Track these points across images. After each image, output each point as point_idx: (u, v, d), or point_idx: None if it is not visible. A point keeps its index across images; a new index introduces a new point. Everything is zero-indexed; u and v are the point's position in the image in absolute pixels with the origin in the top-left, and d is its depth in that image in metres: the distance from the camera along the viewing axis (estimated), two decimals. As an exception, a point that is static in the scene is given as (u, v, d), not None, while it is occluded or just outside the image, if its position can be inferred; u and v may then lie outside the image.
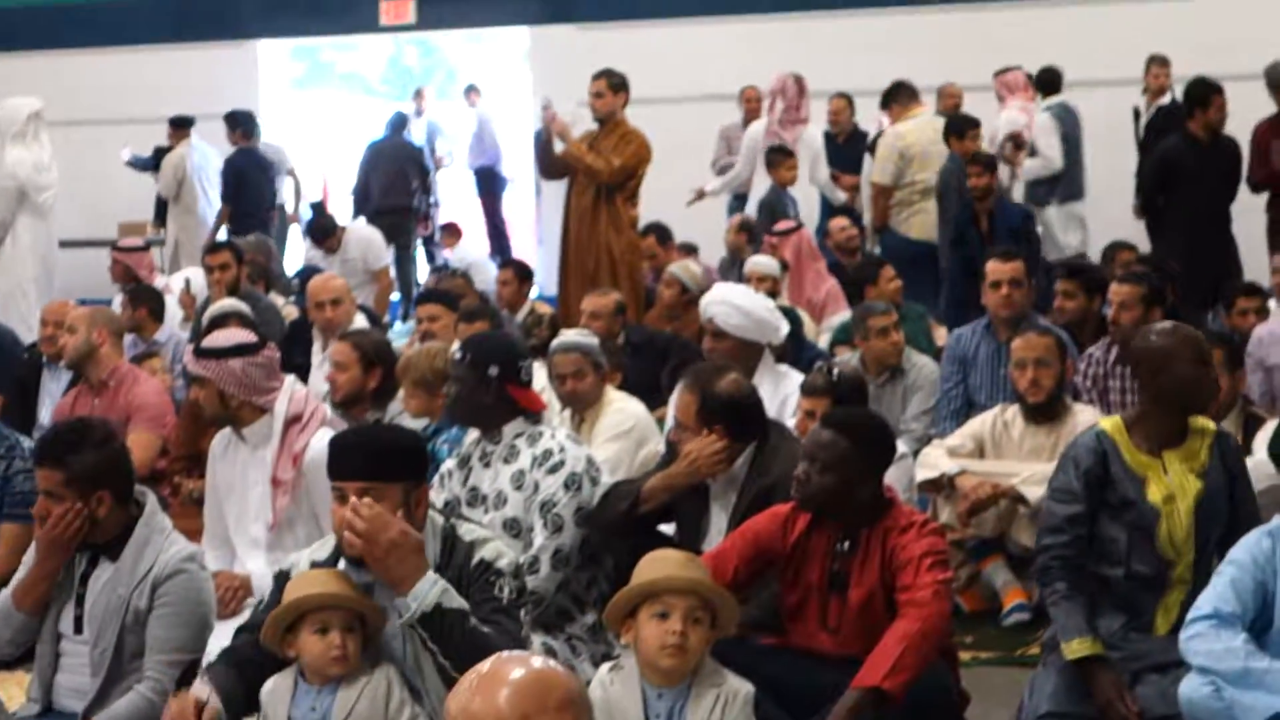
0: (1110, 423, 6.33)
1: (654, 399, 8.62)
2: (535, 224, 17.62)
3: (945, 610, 5.92)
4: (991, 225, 12.35)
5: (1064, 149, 14.88)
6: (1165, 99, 14.95)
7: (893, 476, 6.47)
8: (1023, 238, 12.30)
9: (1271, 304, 9.15)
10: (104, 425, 6.11)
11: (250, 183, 17.08)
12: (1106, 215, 15.06)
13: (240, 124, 17.14)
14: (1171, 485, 6.12)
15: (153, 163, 17.97)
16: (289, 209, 18.31)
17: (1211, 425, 6.31)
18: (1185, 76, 13.68)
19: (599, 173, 12.57)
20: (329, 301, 10.18)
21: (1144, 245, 13.17)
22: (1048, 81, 15.26)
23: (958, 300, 11.97)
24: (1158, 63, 15.19)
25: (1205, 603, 5.54)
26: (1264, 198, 13.06)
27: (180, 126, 17.67)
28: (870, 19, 16.90)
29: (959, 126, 13.17)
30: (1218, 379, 6.57)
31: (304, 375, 9.25)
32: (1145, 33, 15.74)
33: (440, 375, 7.78)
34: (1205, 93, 12.79)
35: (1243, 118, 13.14)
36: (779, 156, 14.00)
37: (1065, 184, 15.05)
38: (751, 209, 14.20)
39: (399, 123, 18.14)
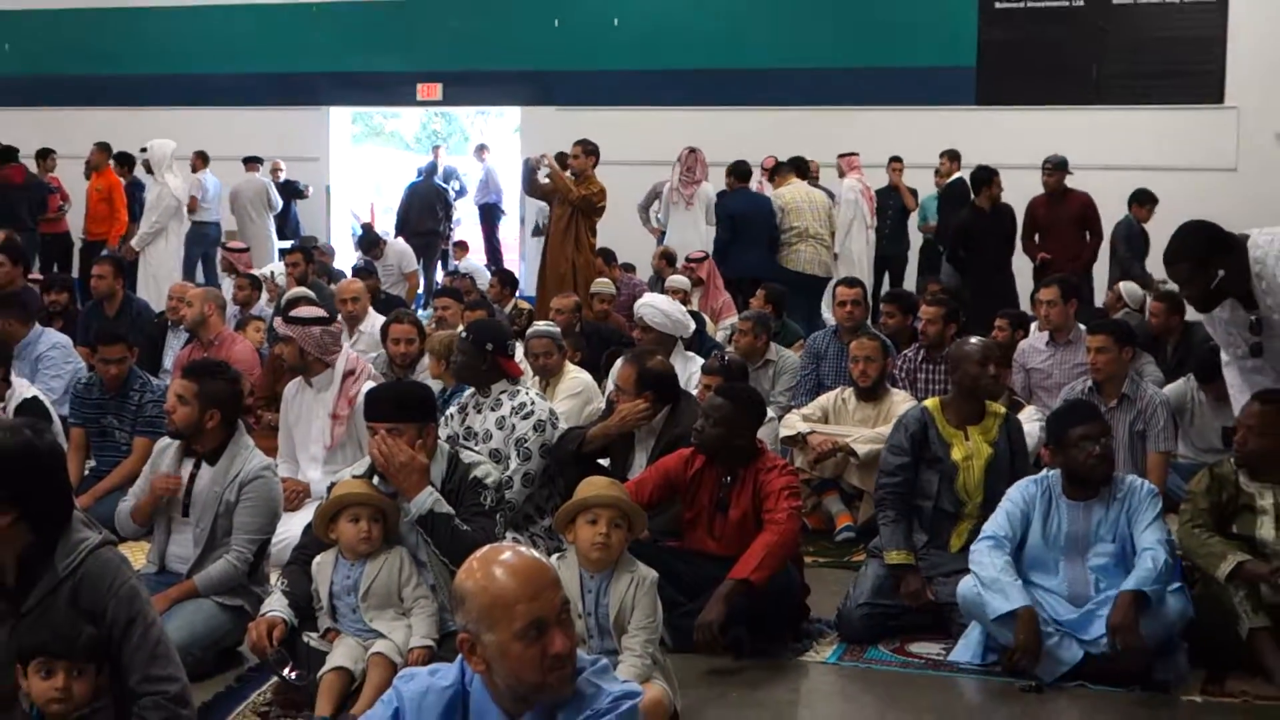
0: (932, 402, 6.68)
1: (597, 372, 8.72)
2: (520, 245, 17.49)
3: (796, 528, 6.07)
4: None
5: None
6: (953, 178, 14.98)
7: (763, 433, 6.62)
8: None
9: (1033, 326, 9.18)
10: (232, 370, 6.23)
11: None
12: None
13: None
14: (969, 449, 6.40)
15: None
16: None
17: (1002, 410, 6.62)
18: (970, 165, 13.78)
19: (569, 192, 12.68)
20: (350, 299, 10.22)
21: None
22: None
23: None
24: (948, 155, 15.24)
25: (988, 527, 5.80)
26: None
27: (251, 162, 17.78)
28: (754, 111, 16.85)
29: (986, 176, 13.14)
30: (997, 376, 6.73)
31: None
32: (941, 135, 15.70)
33: (449, 349, 7.86)
34: (987, 175, 12.89)
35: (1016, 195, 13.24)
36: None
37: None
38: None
39: (429, 170, 18.11)
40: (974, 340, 6.70)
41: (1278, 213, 7.04)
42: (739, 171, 13.93)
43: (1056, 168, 13.16)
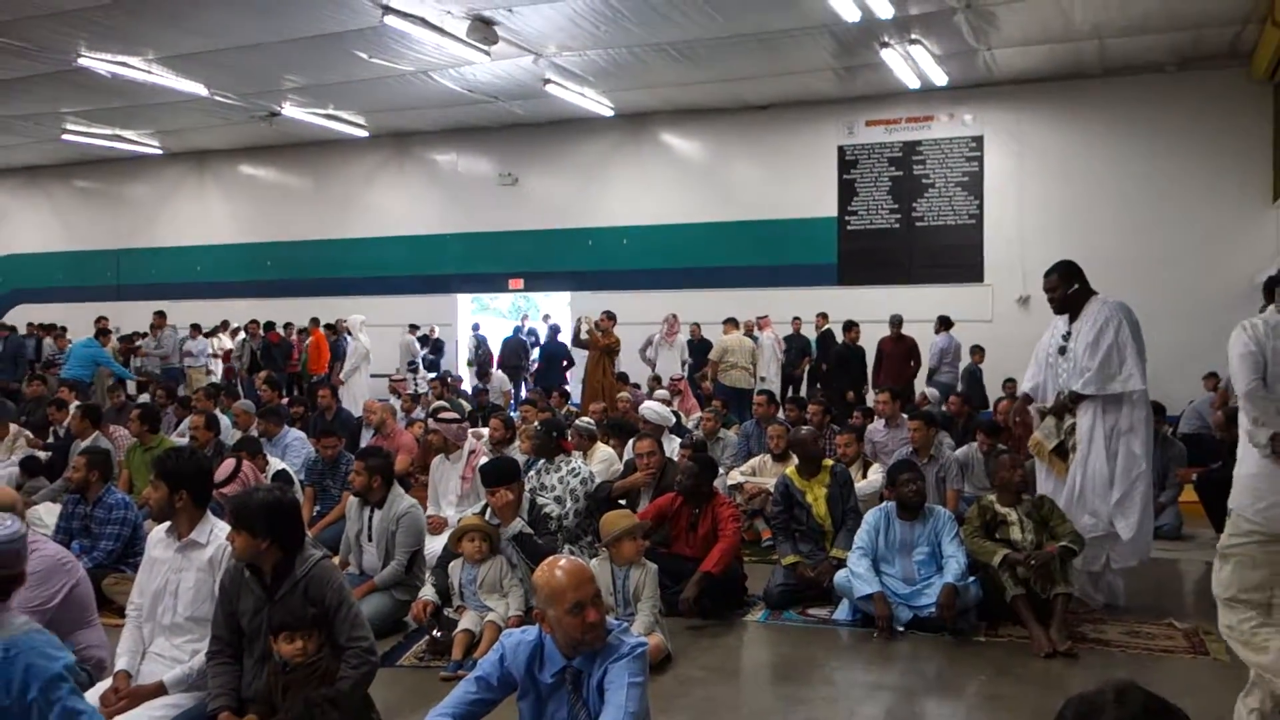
0: (791, 469, 6.61)
1: (619, 449, 8.61)
2: (571, 375, 17.38)
3: (737, 540, 6.02)
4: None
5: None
6: (824, 328, 15.05)
7: (718, 483, 6.55)
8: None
9: (875, 417, 9.16)
10: (384, 452, 6.18)
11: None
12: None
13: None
14: (815, 493, 6.27)
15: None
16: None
17: (830, 463, 6.59)
18: (836, 321, 13.90)
19: (599, 341, 12.93)
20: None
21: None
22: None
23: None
24: (822, 315, 15.28)
25: (856, 541, 5.78)
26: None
27: (412, 328, 17.81)
28: (707, 291, 16.92)
29: (849, 325, 13.37)
30: (822, 449, 6.84)
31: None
32: (817, 302, 15.77)
33: (531, 437, 7.83)
34: (850, 325, 12.98)
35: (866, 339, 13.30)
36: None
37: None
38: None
39: (517, 330, 18.13)
40: (805, 429, 6.81)
41: (1022, 350, 7.06)
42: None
43: (895, 322, 13.26)
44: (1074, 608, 5.60)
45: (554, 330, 17.35)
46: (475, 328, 17.83)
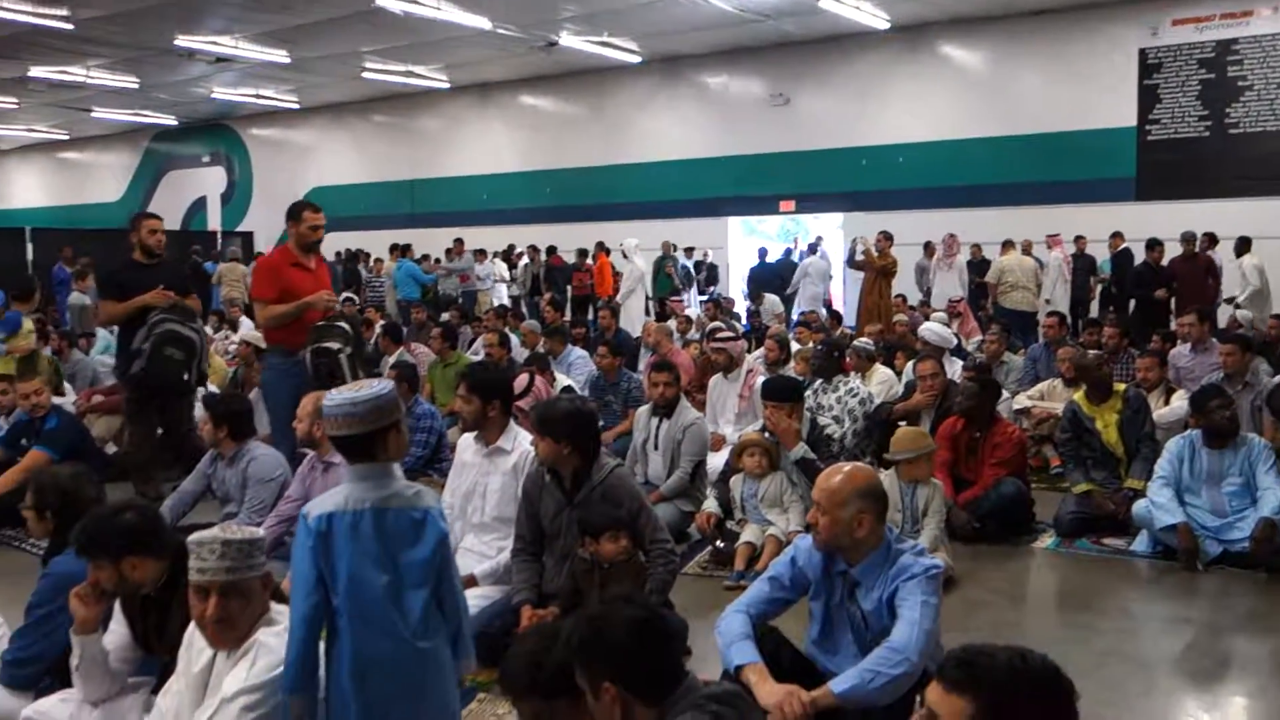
0: (1079, 394, 6.03)
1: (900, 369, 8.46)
2: (844, 289, 17.04)
3: (1006, 474, 5.76)
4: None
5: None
6: (1120, 248, 13.99)
7: (1003, 408, 6.30)
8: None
9: (1181, 341, 8.49)
10: (675, 367, 6.22)
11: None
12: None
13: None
14: (1105, 419, 5.85)
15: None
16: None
17: (1122, 387, 6.38)
18: (1139, 238, 12.93)
19: (875, 263, 12.64)
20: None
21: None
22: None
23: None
24: (1115, 235, 14.23)
25: (1157, 470, 5.69)
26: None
27: (688, 250, 18.03)
28: (986, 210, 15.99)
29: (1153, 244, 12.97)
30: (1108, 374, 6.31)
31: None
32: (1111, 221, 14.67)
33: (807, 358, 7.79)
34: (1155, 243, 12.02)
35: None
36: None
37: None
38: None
39: (787, 252, 18.01)
40: (1092, 353, 6.41)
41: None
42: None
43: (1187, 239, 12.34)
44: None
45: (763, 252, 17.29)
46: (763, 252, 17.81)
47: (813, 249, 16.74)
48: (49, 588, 3.24)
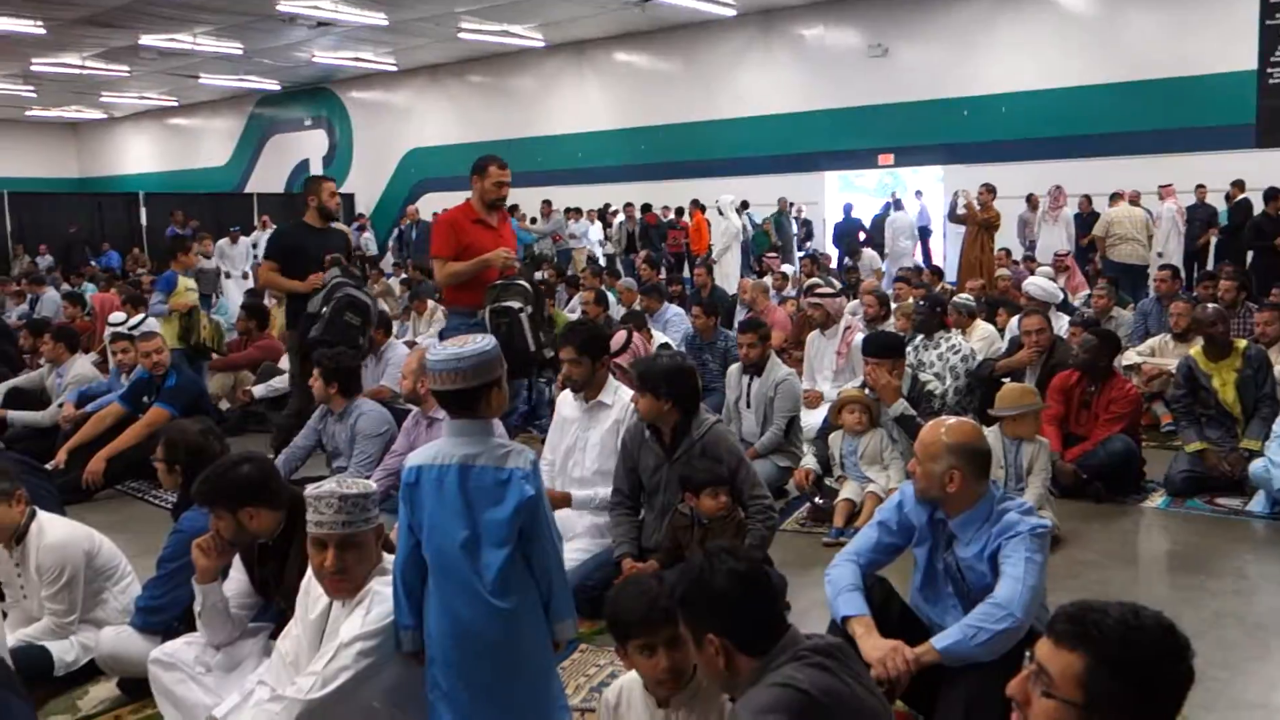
0: (1195, 349, 5.92)
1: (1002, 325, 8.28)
2: (944, 244, 16.67)
3: (1124, 424, 5.60)
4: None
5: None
6: (1239, 199, 13.39)
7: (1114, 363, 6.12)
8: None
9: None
10: (765, 325, 6.19)
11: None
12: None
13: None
14: (1223, 376, 5.61)
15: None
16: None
17: (1243, 344, 5.95)
18: (1259, 187, 12.30)
19: (977, 216, 12.26)
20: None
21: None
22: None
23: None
24: (1236, 184, 13.64)
25: (1275, 430, 5.28)
26: None
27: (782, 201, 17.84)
28: (1094, 160, 15.46)
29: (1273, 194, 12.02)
30: (1227, 329, 6.26)
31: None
32: (1230, 169, 14.05)
33: (908, 314, 7.69)
34: (1274, 193, 11.45)
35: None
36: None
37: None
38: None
39: (885, 208, 17.67)
40: (1211, 307, 6.11)
41: None
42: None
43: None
44: None
45: (848, 208, 16.98)
46: (848, 208, 17.55)
47: (897, 204, 16.42)
48: (178, 543, 3.40)
